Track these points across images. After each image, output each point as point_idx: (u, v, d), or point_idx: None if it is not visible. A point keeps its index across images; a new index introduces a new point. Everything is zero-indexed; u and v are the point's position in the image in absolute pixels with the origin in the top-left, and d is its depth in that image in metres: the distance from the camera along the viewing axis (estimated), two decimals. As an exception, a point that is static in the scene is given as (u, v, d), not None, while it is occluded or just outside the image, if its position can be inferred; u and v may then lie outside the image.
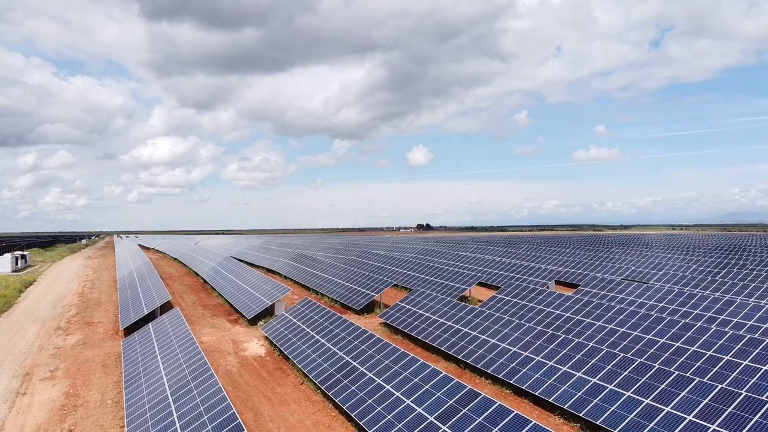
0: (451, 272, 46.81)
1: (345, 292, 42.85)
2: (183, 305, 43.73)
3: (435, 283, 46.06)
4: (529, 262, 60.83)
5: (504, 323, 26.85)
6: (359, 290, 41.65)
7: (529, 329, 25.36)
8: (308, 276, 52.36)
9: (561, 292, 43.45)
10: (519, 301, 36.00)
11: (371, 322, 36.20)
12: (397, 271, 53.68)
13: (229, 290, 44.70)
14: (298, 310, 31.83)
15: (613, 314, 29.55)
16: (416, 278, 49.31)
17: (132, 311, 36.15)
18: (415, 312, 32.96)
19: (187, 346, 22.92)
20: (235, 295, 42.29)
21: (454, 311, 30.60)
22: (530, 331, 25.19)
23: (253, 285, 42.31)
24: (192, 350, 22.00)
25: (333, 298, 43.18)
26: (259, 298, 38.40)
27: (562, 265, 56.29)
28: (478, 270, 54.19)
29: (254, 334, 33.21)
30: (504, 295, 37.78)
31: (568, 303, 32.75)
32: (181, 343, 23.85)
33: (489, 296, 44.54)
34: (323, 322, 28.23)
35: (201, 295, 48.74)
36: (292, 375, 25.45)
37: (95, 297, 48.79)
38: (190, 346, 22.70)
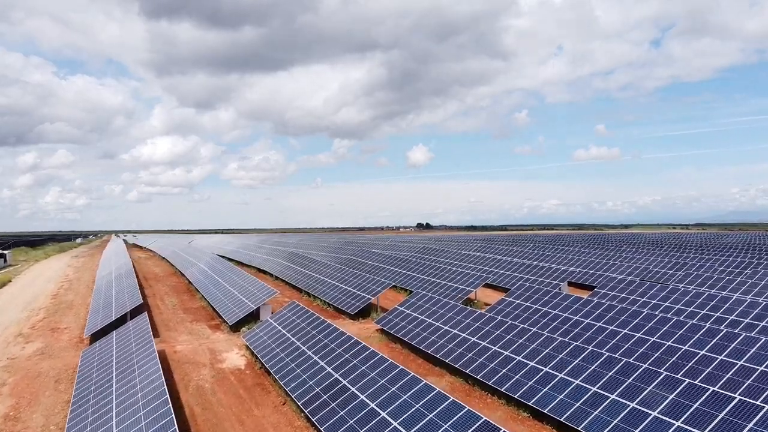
0: (455, 272, 43.46)
1: (339, 294, 39.49)
2: (162, 309, 40.37)
3: (437, 284, 42.70)
4: (538, 261, 57.48)
5: (518, 332, 23.48)
6: (354, 293, 38.30)
7: (548, 339, 22.00)
8: (300, 277, 49.01)
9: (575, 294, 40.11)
10: (531, 305, 32.65)
11: (367, 328, 32.86)
12: (396, 271, 50.35)
13: (213, 292, 41.34)
14: (284, 316, 28.47)
15: (640, 321, 26.19)
16: (417, 279, 45.98)
17: (101, 316, 32.80)
18: (416, 318, 29.60)
19: (146, 361, 19.56)
20: (218, 298, 38.94)
21: (460, 317, 27.24)
22: (549, 341, 21.83)
23: (239, 287, 38.96)
24: (149, 366, 18.63)
25: (326, 300, 39.83)
26: (243, 301, 35.04)
27: (572, 264, 52.95)
28: (484, 270, 50.83)
29: (235, 342, 29.85)
30: (514, 299, 34.43)
31: (588, 308, 29.40)
32: (141, 357, 20.49)
33: (496, 299, 41.19)
34: (311, 330, 24.86)
35: (184, 297, 45.38)
36: (273, 393, 22.10)
37: (69, 299, 45.42)
38: (149, 360, 19.34)
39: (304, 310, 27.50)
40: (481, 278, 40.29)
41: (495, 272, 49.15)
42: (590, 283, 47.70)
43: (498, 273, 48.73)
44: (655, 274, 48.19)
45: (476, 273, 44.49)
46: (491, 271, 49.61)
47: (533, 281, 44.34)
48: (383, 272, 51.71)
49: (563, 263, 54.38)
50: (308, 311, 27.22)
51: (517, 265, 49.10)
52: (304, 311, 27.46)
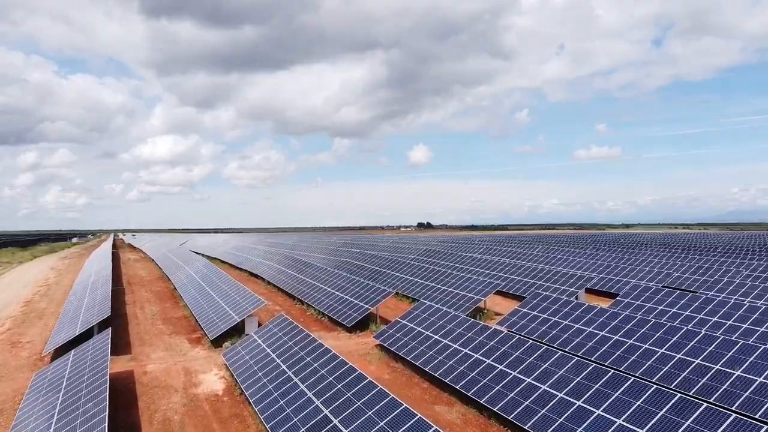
0: (461, 278, 40.14)
1: (335, 303, 36.17)
2: (140, 318, 37.08)
3: (443, 291, 39.38)
4: (550, 265, 54.14)
5: (542, 353, 20.16)
6: (352, 302, 34.98)
7: (578, 365, 18.67)
8: (294, 283, 45.69)
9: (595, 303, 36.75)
10: (549, 317, 29.34)
11: (365, 343, 29.56)
12: (398, 276, 47.02)
13: (197, 300, 38.04)
14: (269, 331, 25.17)
15: (679, 339, 22.88)
16: (420, 285, 42.64)
17: (65, 330, 29.51)
18: (420, 333, 26.28)
19: (95, 394, 16.25)
20: (202, 307, 35.64)
21: (471, 334, 23.92)
22: (581, 367, 18.51)
23: (225, 295, 35.65)
24: (96, 401, 15.32)
25: (321, 310, 36.52)
26: (227, 312, 31.74)
27: (588, 269, 49.61)
28: (492, 275, 47.49)
29: (216, 360, 26.54)
30: (529, 309, 31.12)
31: (615, 322, 26.07)
32: (91, 385, 17.20)
33: (507, 308, 37.85)
34: (299, 351, 21.56)
35: (166, 305, 42.07)
36: (253, 426, 18.82)
37: (41, 307, 42.14)
38: (98, 392, 16.04)
39: (292, 326, 24.18)
40: (491, 285, 36.98)
41: (504, 277, 45.81)
42: (607, 289, 44.41)
43: (508, 278, 45.39)
44: (677, 280, 44.88)
45: (484, 279, 41.20)
46: (500, 277, 46.28)
47: (547, 288, 41.00)
48: (384, 278, 48.41)
49: (577, 267, 51.04)
50: (296, 327, 23.91)
51: (528, 270, 45.77)
52: (291, 327, 24.14)
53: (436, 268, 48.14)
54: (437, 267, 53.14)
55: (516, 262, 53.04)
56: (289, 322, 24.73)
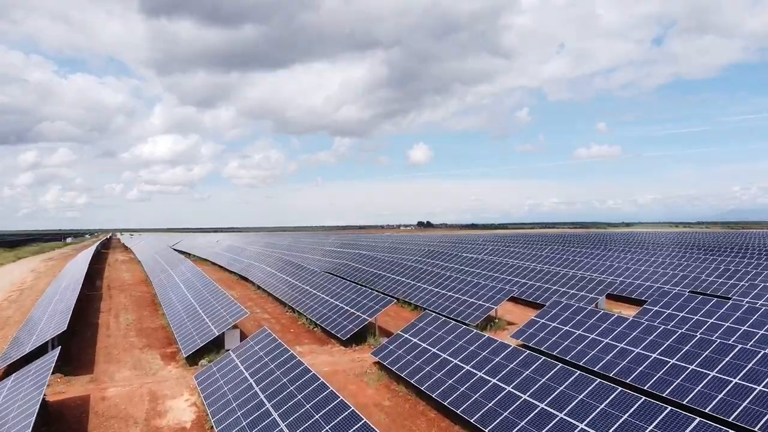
0: (469, 283, 36.71)
1: (330, 312, 32.74)
2: (112, 329, 33.65)
3: (448, 298, 35.95)
4: (563, 267, 50.71)
5: (574, 381, 16.73)
6: (348, 311, 31.55)
7: (624, 399, 15.22)
8: (286, 288, 42.25)
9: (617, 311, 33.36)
10: (572, 329, 25.91)
11: (362, 359, 26.13)
12: (398, 280, 43.59)
13: (176, 309, 34.63)
14: (249, 349, 21.75)
15: (733, 359, 19.43)
16: (423, 291, 39.22)
17: (21, 343, 26.07)
18: (425, 350, 22.86)
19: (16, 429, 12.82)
20: (180, 317, 32.22)
21: (486, 353, 20.49)
22: (627, 400, 15.05)
23: (205, 303, 32.23)
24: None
25: (313, 320, 33.09)
26: (206, 324, 28.31)
27: (605, 271, 46.16)
28: (502, 279, 44.06)
29: (188, 381, 23.11)
30: (549, 320, 27.69)
31: (653, 336, 22.62)
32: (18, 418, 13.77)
33: (521, 316, 34.44)
34: (280, 375, 18.13)
35: (144, 313, 38.64)
36: (222, 474, 15.38)
37: (6, 316, 38.72)
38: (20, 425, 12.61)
39: (275, 345, 20.74)
40: (503, 291, 33.55)
41: (516, 282, 42.35)
42: (629, 294, 40.96)
43: (519, 283, 41.93)
44: (704, 283, 41.46)
45: (495, 284, 37.80)
46: (511, 281, 42.83)
47: (563, 294, 37.56)
48: (383, 282, 45.00)
49: (593, 269, 47.59)
50: (279, 345, 20.46)
51: (541, 273, 42.32)
52: (274, 346, 20.70)
53: (441, 271, 44.73)
54: (441, 270, 49.72)
55: (526, 264, 49.62)
56: (271, 340, 21.29)
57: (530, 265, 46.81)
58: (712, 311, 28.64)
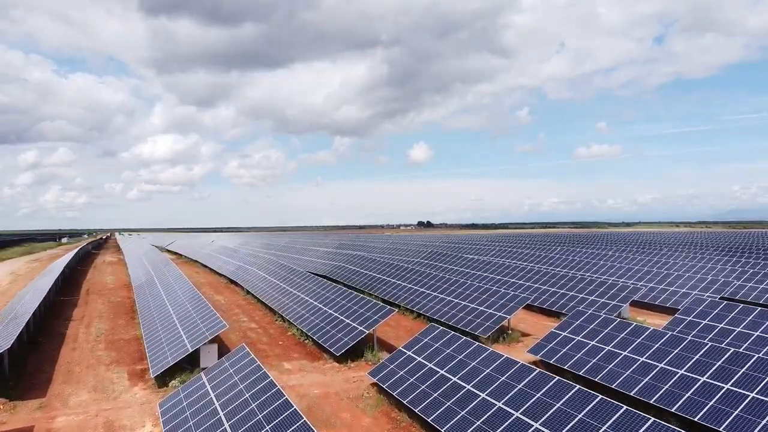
0: (477, 288, 33.48)
1: (323, 322, 29.49)
2: (80, 340, 30.39)
3: (455, 306, 32.70)
4: (578, 270, 47.42)
5: (621, 422, 13.46)
6: (343, 321, 28.30)
7: None
8: (276, 293, 39.00)
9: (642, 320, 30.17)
10: (601, 345, 22.70)
11: (358, 379, 22.88)
12: (399, 284, 40.34)
13: (152, 318, 31.39)
14: (222, 372, 18.50)
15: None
16: (426, 297, 35.98)
17: (-36, 363, 22.81)
18: (431, 371, 19.62)
19: None
20: (154, 328, 28.97)
21: (505, 378, 17.26)
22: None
23: (183, 313, 28.99)
24: None
25: (304, 331, 29.83)
26: (180, 337, 25.06)
27: (625, 275, 42.91)
28: (513, 284, 40.80)
29: (154, 408, 19.83)
30: (571, 333, 24.46)
31: (699, 355, 19.39)
32: None
33: (536, 326, 31.22)
34: (255, 409, 14.89)
35: (120, 322, 35.38)
36: None
37: (-34, 325, 35.39)
38: None
39: (252, 368, 17.47)
40: (518, 299, 30.30)
41: (528, 287, 39.10)
42: (651, 300, 37.69)
43: (532, 288, 38.67)
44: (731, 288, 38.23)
45: (507, 291, 34.60)
46: (523, 286, 39.56)
47: (582, 301, 34.33)
48: (383, 286, 41.76)
49: (611, 273, 44.32)
50: (257, 369, 17.20)
51: (556, 277, 39.05)
52: (251, 369, 17.44)
53: (445, 275, 41.51)
54: (446, 274, 46.48)
55: (537, 267, 46.36)
56: (249, 362, 18.02)
57: (542, 268, 43.56)
58: (757, 322, 25.39)
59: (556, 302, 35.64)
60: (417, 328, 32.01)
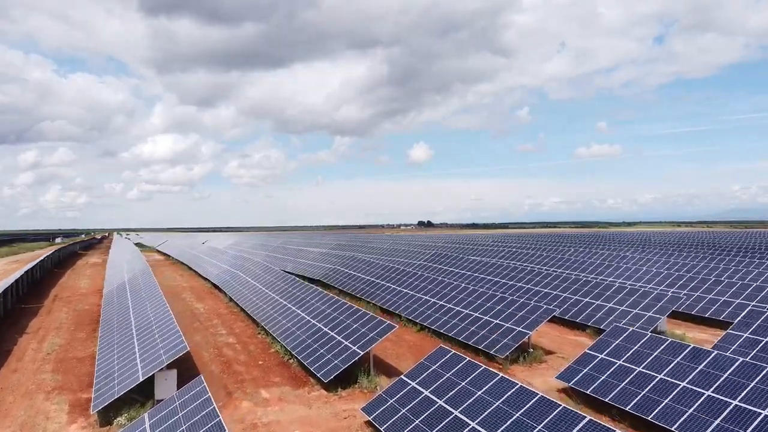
0: (491, 297, 29.31)
1: (309, 338, 25.26)
2: (26, 360, 26.15)
3: (465, 317, 28.47)
4: (597, 275, 43.13)
5: None
6: (335, 338, 24.08)
7: None
8: (260, 302, 34.78)
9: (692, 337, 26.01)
10: (652, 372, 18.47)
11: (349, 414, 18.65)
12: (400, 291, 36.11)
13: (110, 334, 27.17)
14: (170, 414, 14.26)
15: None
16: (431, 307, 31.76)
17: None
18: (440, 411, 15.41)
19: None
20: (110, 347, 24.77)
21: (541, 426, 13.01)
22: None
23: (145, 328, 24.76)
24: None
25: (288, 348, 25.58)
26: (135, 359, 20.84)
27: (654, 281, 38.64)
28: (527, 290, 36.56)
29: (87, 458, 15.58)
30: (610, 354, 20.26)
31: None
32: None
33: (559, 342, 26.98)
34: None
35: (80, 335, 31.19)
36: None
37: None
38: None
39: (207, 413, 13.22)
40: (539, 310, 26.07)
41: (547, 294, 34.86)
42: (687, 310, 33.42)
43: (552, 296, 34.42)
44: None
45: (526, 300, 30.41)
46: (540, 293, 35.33)
47: (611, 311, 30.10)
48: (382, 293, 37.55)
49: (636, 278, 40.04)
50: (212, 416, 12.94)
51: (577, 283, 34.80)
52: (205, 414, 13.19)
53: (452, 280, 37.32)
54: (453, 278, 42.25)
55: (554, 271, 42.12)
56: (202, 403, 13.77)
57: (558, 272, 39.31)
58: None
59: (580, 312, 31.41)
60: (421, 344, 27.80)
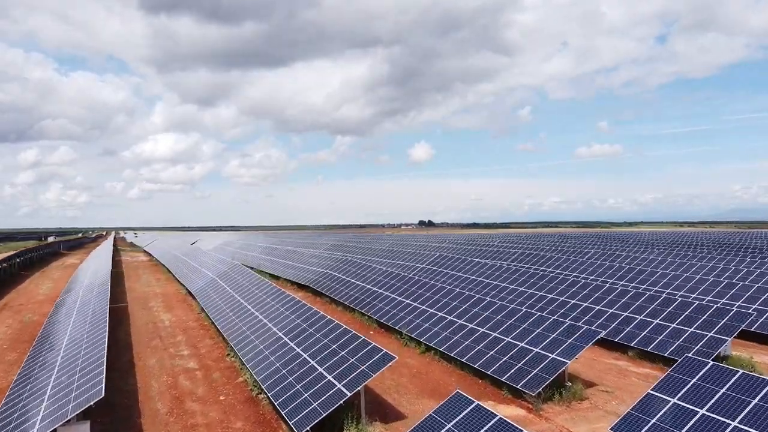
0: (511, 312, 24.00)
1: (286, 368, 19.96)
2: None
3: (482, 337, 23.16)
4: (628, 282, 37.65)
5: None
6: (316, 370, 18.77)
7: None
8: (234, 316, 29.47)
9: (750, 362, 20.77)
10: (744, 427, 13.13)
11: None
12: (402, 303, 30.82)
13: (34, 362, 21.89)
14: None
15: None
16: (439, 323, 26.48)
17: None
18: None
19: None
20: (25, 382, 19.45)
21: None
22: None
23: (70, 357, 19.45)
24: None
25: (258, 380, 20.24)
26: (40, 406, 15.52)
27: (694, 290, 33.26)
28: (551, 300, 31.22)
29: None
30: (687, 400, 14.93)
31: None
32: None
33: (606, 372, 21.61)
34: None
35: (9, 357, 25.87)
36: None
37: None
38: None
39: None
40: (577, 331, 20.78)
41: (575, 306, 29.51)
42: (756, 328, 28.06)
43: (582, 308, 29.06)
44: None
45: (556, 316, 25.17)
46: (567, 305, 29.98)
47: (659, 329, 24.77)
48: (380, 304, 32.28)
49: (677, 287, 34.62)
50: None
51: (614, 293, 29.44)
52: None
53: (463, 290, 32.11)
54: (463, 287, 36.97)
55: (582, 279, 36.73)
56: None
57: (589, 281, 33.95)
58: None
59: (619, 330, 26.09)
60: (427, 371, 22.53)
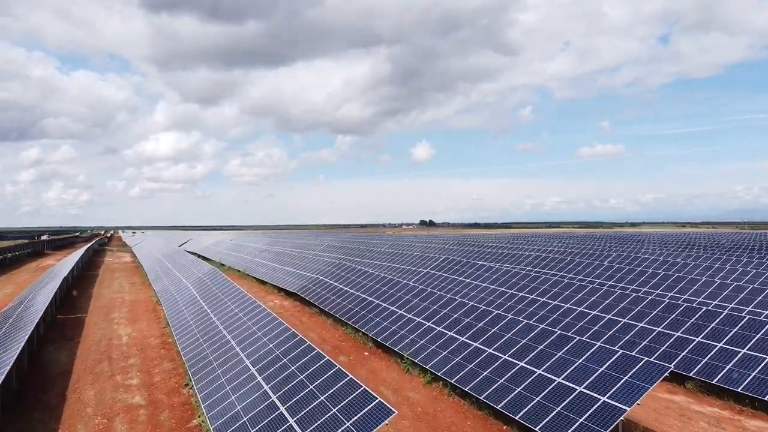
0: (542, 334, 19.15)
1: (247, 415, 15.09)
2: None
3: (506, 368, 18.30)
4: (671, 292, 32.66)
5: None
6: (284, 420, 13.89)
7: None
8: (198, 331, 24.58)
9: None
10: None
11: None
12: (403, 317, 25.96)
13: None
14: None
15: None
16: (449, 346, 21.65)
17: None
18: None
19: None
20: None
21: None
22: None
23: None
24: None
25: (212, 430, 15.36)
26: None
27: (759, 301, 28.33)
28: (581, 314, 26.28)
29: None
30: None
31: None
32: None
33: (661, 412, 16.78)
34: None
35: None
36: None
37: None
38: None
39: None
40: (636, 364, 15.87)
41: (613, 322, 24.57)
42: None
43: (637, 329, 24.12)
44: None
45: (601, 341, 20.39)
46: (603, 320, 25.05)
47: (722, 354, 19.90)
48: (375, 316, 27.41)
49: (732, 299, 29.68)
50: None
51: (659, 307, 24.52)
52: None
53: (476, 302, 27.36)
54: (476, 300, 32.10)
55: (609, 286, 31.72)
56: None
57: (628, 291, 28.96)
58: None
59: (672, 355, 21.22)
60: (434, 411, 17.65)
